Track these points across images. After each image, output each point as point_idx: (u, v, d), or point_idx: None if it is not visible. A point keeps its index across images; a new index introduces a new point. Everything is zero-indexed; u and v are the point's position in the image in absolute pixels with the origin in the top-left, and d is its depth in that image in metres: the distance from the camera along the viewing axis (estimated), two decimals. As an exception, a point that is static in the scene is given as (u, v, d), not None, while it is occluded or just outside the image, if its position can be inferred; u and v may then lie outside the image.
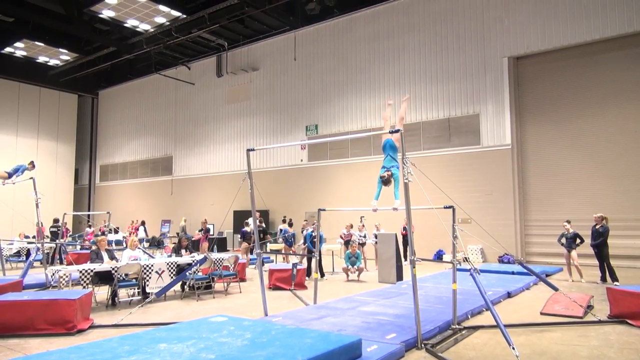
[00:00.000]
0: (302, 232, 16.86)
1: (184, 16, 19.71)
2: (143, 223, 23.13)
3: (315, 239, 12.78)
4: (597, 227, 10.64)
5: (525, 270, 9.42)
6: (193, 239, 17.16)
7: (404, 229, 14.84)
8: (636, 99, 14.02)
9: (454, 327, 6.50)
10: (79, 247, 17.90)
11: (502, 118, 15.79)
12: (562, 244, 11.08)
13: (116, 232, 19.80)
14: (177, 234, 20.76)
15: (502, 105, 15.81)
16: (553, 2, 15.01)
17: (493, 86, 16.04)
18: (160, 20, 20.13)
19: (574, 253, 10.86)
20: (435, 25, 17.39)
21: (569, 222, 11.19)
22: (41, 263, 12.68)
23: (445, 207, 6.79)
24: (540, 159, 15.54)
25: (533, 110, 15.80)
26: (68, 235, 21.11)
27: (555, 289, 7.20)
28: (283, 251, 14.54)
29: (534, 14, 15.35)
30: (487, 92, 16.16)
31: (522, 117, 15.96)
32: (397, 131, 5.82)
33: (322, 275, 11.87)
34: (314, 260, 12.18)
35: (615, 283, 10.02)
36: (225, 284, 10.11)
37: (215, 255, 10.23)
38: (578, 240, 10.82)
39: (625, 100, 14.20)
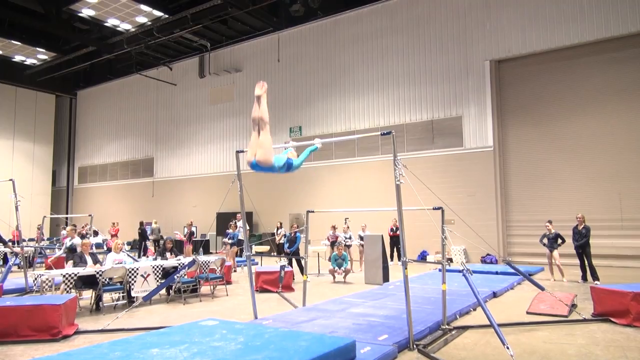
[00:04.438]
0: (276, 232, 16.84)
1: (166, 16, 19.49)
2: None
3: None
4: (580, 227, 10.85)
5: (508, 270, 9.62)
6: (176, 236, 17.01)
7: (392, 230, 14.93)
8: (614, 102, 14.40)
9: (444, 327, 6.54)
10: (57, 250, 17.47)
11: (484, 120, 16.02)
12: (544, 244, 11.26)
13: (96, 234, 19.38)
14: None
15: (484, 108, 16.04)
16: (534, 8, 15.31)
17: (475, 89, 16.27)
18: (142, 20, 19.88)
19: (555, 253, 11.05)
20: (418, 28, 17.56)
21: (550, 222, 11.39)
22: (19, 267, 12.37)
23: (435, 209, 6.83)
24: (521, 160, 15.82)
25: (514, 112, 16.08)
26: (42, 239, 20.55)
27: (542, 289, 7.31)
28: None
29: (515, 19, 15.63)
30: (469, 95, 16.38)
31: (504, 119, 16.22)
32: (388, 133, 5.83)
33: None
34: (294, 262, 12.25)
35: (596, 282, 10.25)
36: (212, 287, 10.02)
37: (201, 258, 10.12)
38: (560, 241, 11.02)
39: (603, 103, 14.57)
